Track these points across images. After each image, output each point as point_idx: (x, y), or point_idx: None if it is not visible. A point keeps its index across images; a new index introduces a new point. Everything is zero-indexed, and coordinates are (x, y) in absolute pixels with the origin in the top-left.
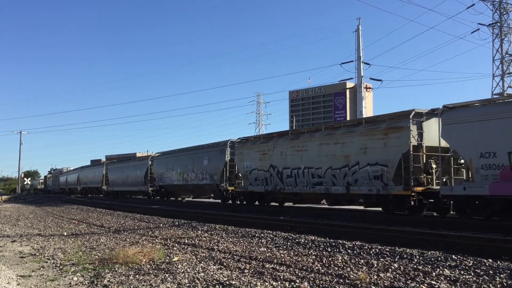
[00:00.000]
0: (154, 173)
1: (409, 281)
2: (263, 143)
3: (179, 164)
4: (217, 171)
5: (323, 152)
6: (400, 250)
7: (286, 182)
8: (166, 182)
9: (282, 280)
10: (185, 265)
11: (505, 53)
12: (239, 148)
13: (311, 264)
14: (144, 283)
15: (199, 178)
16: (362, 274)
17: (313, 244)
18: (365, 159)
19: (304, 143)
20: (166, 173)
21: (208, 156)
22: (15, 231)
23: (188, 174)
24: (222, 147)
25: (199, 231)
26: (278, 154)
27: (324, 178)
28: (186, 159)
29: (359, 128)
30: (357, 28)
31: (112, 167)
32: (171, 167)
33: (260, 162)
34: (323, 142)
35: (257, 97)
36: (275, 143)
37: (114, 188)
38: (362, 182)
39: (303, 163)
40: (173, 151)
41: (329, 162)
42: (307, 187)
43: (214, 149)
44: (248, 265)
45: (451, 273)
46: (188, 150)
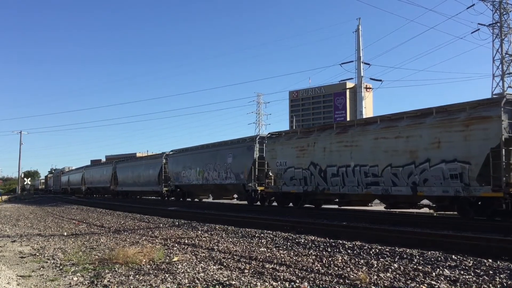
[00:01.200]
0: (169, 172)
1: (409, 281)
2: (301, 138)
3: (198, 162)
4: (244, 169)
5: (380, 148)
6: (400, 250)
7: (331, 181)
8: (182, 182)
9: (282, 280)
10: (185, 265)
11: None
12: (270, 144)
13: (311, 264)
14: (144, 283)
15: (222, 178)
16: (362, 274)
17: (313, 244)
18: (439, 155)
19: (355, 138)
20: (183, 172)
21: (233, 153)
22: (15, 231)
23: (209, 173)
24: (250, 143)
25: (199, 231)
26: (320, 150)
27: (381, 178)
28: (206, 156)
29: (428, 119)
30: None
31: (122, 166)
32: (188, 165)
33: (297, 160)
34: (379, 136)
35: (257, 97)
36: (317, 138)
37: (124, 188)
38: (434, 182)
39: (353, 160)
40: (190, 148)
41: (388, 159)
42: (359, 187)
43: (241, 145)
44: (248, 265)
45: (451, 273)
46: (209, 147)
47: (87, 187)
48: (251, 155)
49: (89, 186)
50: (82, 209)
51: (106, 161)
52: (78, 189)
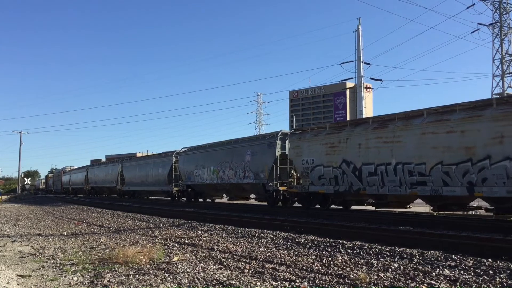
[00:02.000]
0: (180, 171)
1: (409, 281)
2: (331, 134)
3: (212, 160)
4: (264, 168)
5: (428, 144)
6: (400, 250)
7: (367, 181)
8: (195, 181)
9: (282, 280)
10: (185, 265)
11: (505, 53)
12: (295, 141)
13: (311, 264)
14: (144, 283)
15: (239, 177)
16: (362, 274)
17: (313, 244)
18: (501, 151)
19: (396, 133)
20: (196, 171)
21: (251, 150)
22: (15, 231)
23: (224, 171)
24: (271, 140)
25: (199, 231)
26: (354, 147)
27: (429, 177)
28: (221, 154)
29: (488, 111)
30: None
31: (129, 165)
32: (201, 164)
33: (326, 157)
34: (427, 130)
35: (257, 97)
36: (350, 133)
37: (131, 188)
38: (495, 182)
39: (394, 157)
40: (203, 146)
41: (438, 156)
42: (402, 187)
43: (260, 142)
44: (248, 265)
45: (451, 273)
46: (224, 144)
47: (90, 186)
48: (273, 153)
49: (93, 185)
50: (82, 209)
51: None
52: (80, 189)
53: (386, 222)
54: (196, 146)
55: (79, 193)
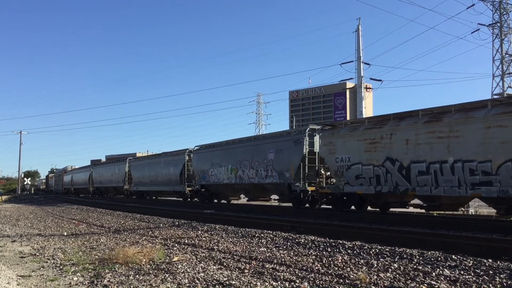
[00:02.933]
0: (194, 170)
1: (409, 281)
2: (371, 129)
3: (229, 158)
4: (290, 166)
5: (496, 139)
6: (400, 250)
7: (417, 181)
8: (210, 181)
9: (282, 280)
10: (185, 265)
11: (505, 53)
12: (327, 137)
13: (311, 264)
14: (144, 283)
15: (261, 176)
16: (362, 274)
17: (313, 244)
18: None
19: (454, 127)
20: (211, 170)
21: (275, 147)
22: (15, 231)
23: (244, 170)
24: (298, 136)
25: (199, 231)
26: (400, 142)
27: (496, 176)
28: (241, 152)
29: None
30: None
31: (138, 164)
32: (217, 162)
33: (366, 154)
34: (493, 124)
35: (257, 97)
36: (394, 128)
37: (139, 188)
38: None
39: (452, 154)
40: (220, 143)
41: (508, 153)
42: (461, 188)
43: (286, 138)
44: (248, 265)
45: (451, 273)
46: (244, 141)
47: (95, 187)
48: (300, 150)
49: (98, 186)
50: (82, 209)
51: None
52: (84, 189)
53: (386, 222)
54: (212, 143)
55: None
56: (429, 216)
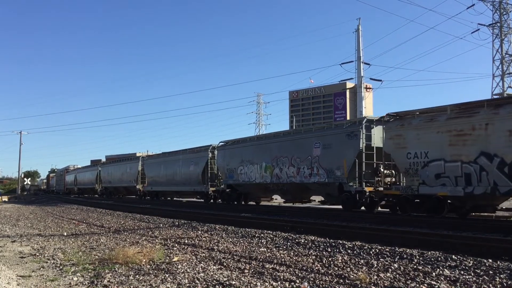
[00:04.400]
0: (218, 169)
1: (409, 281)
2: (457, 119)
3: (263, 155)
4: (343, 163)
5: None
6: (400, 250)
7: None
8: (239, 180)
9: (282, 280)
10: (185, 265)
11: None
12: (393, 129)
13: (311, 264)
14: (144, 283)
15: (304, 175)
16: (362, 274)
17: (313, 244)
18: None
19: None
20: (241, 168)
21: (322, 142)
22: (15, 231)
23: (282, 168)
24: (353, 129)
25: (199, 231)
26: (501, 134)
27: None
28: (278, 148)
29: None
30: (357, 28)
31: (152, 162)
32: (248, 159)
33: (450, 149)
34: None
35: (257, 97)
36: (491, 117)
37: (154, 188)
38: None
39: None
40: (250, 138)
41: None
42: None
43: (336, 131)
44: (248, 265)
45: (451, 273)
46: (282, 136)
47: (104, 186)
48: (355, 145)
49: (106, 185)
50: (82, 209)
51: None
52: (90, 189)
53: (386, 222)
54: (241, 138)
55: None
56: (429, 216)
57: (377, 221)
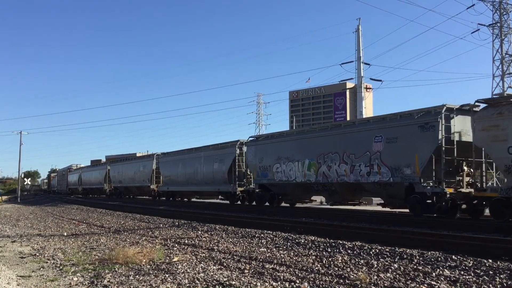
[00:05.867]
0: (249, 166)
1: (409, 281)
2: None
3: (306, 151)
4: (413, 160)
5: None
6: (400, 250)
7: None
8: (275, 180)
9: (282, 280)
10: (185, 265)
11: (505, 53)
12: (487, 118)
13: (311, 265)
14: (144, 283)
15: (361, 173)
16: (362, 274)
17: (313, 245)
18: None
19: None
20: (278, 166)
21: (385, 135)
22: (15, 231)
23: (331, 166)
24: (428, 119)
25: (199, 232)
26: None
27: None
28: (325, 142)
29: None
30: (357, 28)
31: (169, 160)
32: (287, 156)
33: None
34: None
35: (257, 97)
36: None
37: (171, 188)
38: None
39: None
40: (289, 132)
41: None
42: None
43: (403, 122)
44: (248, 266)
45: (451, 273)
46: (329, 129)
47: (113, 186)
48: (431, 138)
49: (117, 185)
50: (82, 209)
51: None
52: (98, 189)
53: (386, 222)
54: (276, 132)
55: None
56: (430, 216)
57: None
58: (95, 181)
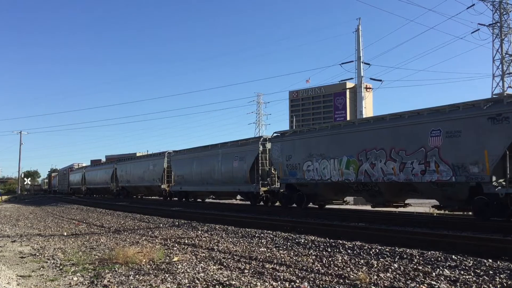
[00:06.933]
0: (274, 165)
1: (409, 281)
2: None
3: (344, 146)
4: (481, 157)
5: None
6: (400, 250)
7: None
8: (306, 179)
9: (282, 280)
10: (185, 265)
11: (505, 53)
12: None
13: (311, 264)
14: (144, 283)
15: (414, 172)
16: (362, 274)
17: (313, 244)
18: None
19: None
20: (309, 164)
21: (443, 128)
22: (15, 231)
23: (376, 164)
24: (500, 110)
25: (199, 231)
26: None
27: None
28: (367, 137)
29: None
30: (357, 28)
31: (181, 158)
32: (321, 152)
33: None
34: None
35: (257, 97)
36: None
37: (184, 188)
38: None
39: None
40: (322, 128)
41: None
42: None
43: (468, 114)
44: (248, 265)
45: (451, 273)
46: (372, 122)
47: (121, 186)
48: (504, 132)
49: (124, 185)
50: (82, 209)
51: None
52: (103, 189)
53: (386, 222)
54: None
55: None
56: (429, 216)
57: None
58: (100, 181)
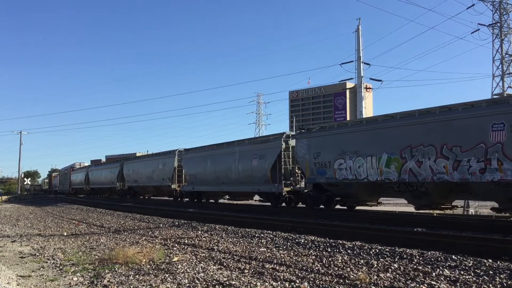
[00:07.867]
0: (299, 163)
1: (409, 281)
2: None
3: (381, 143)
4: None
5: None
6: (400, 250)
7: None
8: (337, 178)
9: (282, 280)
10: (185, 265)
11: (505, 53)
12: None
13: (311, 264)
14: (144, 283)
15: (471, 171)
16: (362, 274)
17: (313, 244)
18: None
19: None
20: (341, 162)
21: (507, 122)
22: (15, 231)
23: (422, 162)
24: None
25: (199, 231)
26: None
27: None
28: (411, 132)
29: None
30: (357, 28)
31: (193, 157)
32: (355, 149)
33: None
34: None
35: (257, 97)
36: None
37: (197, 188)
38: None
39: None
40: (354, 122)
41: None
42: None
43: None
44: (248, 265)
45: (451, 273)
46: (416, 116)
47: (128, 186)
48: None
49: (131, 184)
50: (82, 209)
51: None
52: (108, 189)
53: (386, 222)
54: (336, 122)
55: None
56: (429, 216)
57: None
58: (105, 180)
